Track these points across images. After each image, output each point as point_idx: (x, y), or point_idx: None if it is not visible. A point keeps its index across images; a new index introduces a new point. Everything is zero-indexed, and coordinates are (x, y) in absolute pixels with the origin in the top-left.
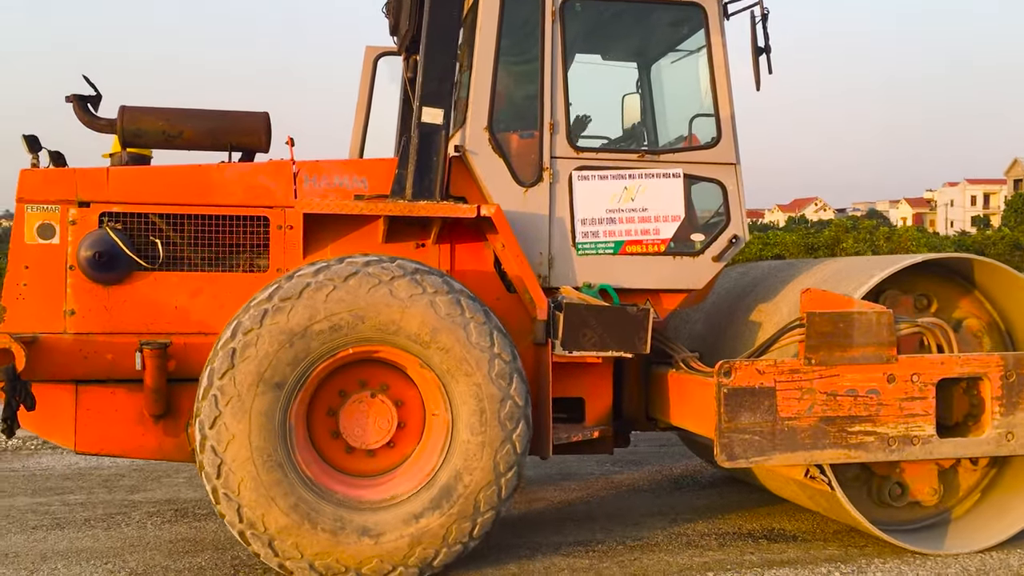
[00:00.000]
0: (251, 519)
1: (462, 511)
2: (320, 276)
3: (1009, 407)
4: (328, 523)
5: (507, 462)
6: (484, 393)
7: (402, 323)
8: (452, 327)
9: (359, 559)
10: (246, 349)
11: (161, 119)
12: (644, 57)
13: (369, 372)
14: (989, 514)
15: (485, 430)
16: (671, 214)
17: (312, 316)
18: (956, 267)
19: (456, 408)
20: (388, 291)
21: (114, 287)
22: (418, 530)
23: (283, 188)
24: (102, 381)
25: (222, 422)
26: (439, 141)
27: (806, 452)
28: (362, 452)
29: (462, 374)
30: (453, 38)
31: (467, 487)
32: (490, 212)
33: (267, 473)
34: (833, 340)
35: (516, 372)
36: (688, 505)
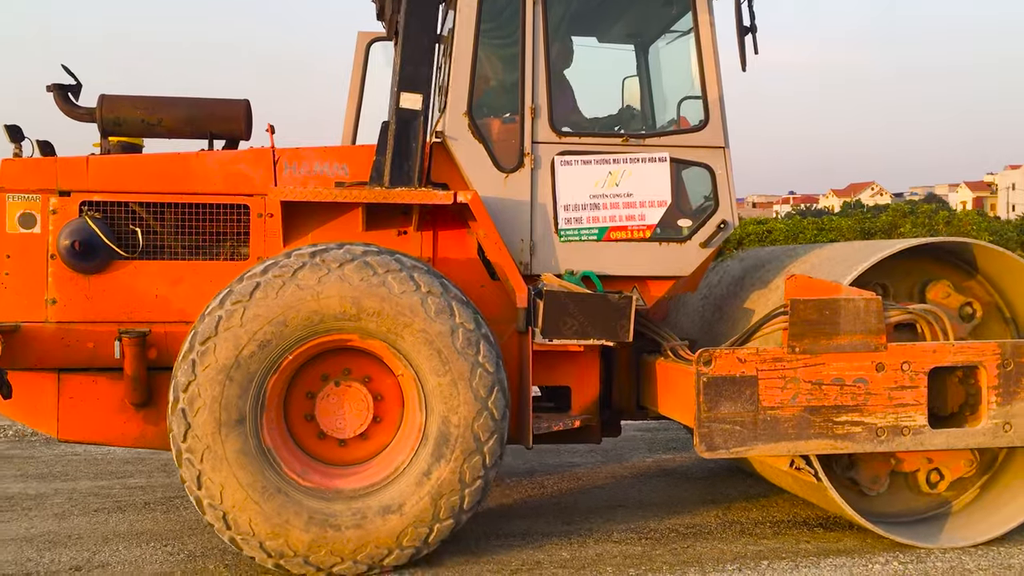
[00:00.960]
0: (236, 525)
1: (448, 487)
2: (269, 274)
3: (1006, 397)
4: (318, 517)
5: (486, 430)
6: (453, 369)
7: (362, 307)
8: (410, 303)
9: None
10: (204, 357)
11: (139, 107)
12: (640, 39)
13: (352, 362)
14: (982, 512)
15: (457, 403)
16: (657, 199)
17: (265, 320)
18: (962, 253)
19: (427, 389)
20: (338, 277)
21: (95, 276)
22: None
23: (263, 176)
24: (84, 369)
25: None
26: (417, 127)
27: (790, 443)
28: (337, 441)
29: (423, 345)
30: (431, 22)
31: (449, 462)
32: (467, 199)
33: (245, 473)
34: (818, 327)
35: (482, 339)
36: (741, 493)
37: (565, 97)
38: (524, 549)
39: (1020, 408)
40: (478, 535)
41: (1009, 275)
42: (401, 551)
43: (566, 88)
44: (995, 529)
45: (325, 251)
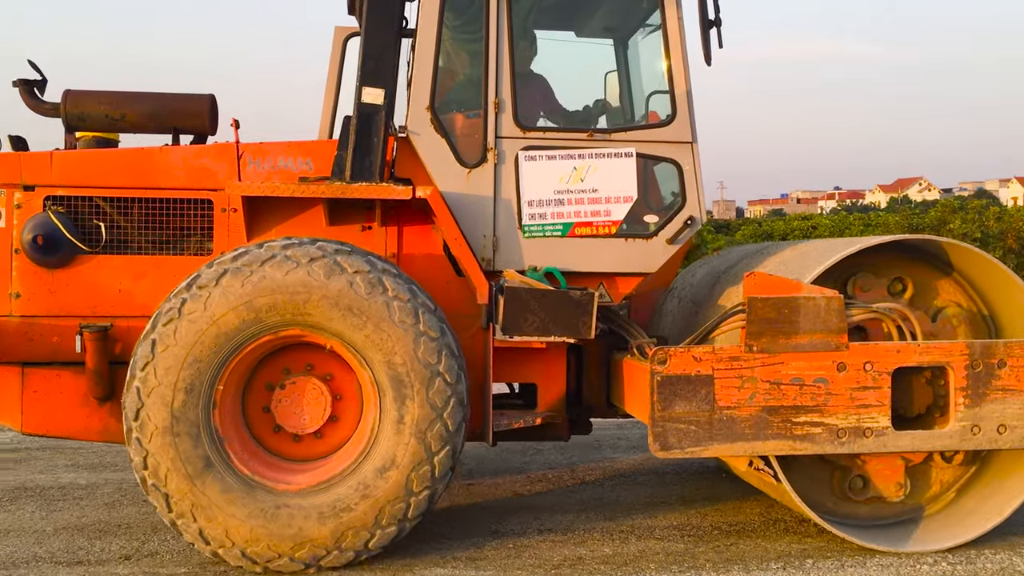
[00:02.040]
0: (178, 509)
1: (394, 494)
2: (192, 289)
3: (975, 399)
4: (267, 509)
5: (438, 441)
6: (411, 372)
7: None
8: (338, 285)
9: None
10: (163, 339)
11: (103, 103)
12: (618, 33)
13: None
14: (957, 514)
15: (412, 409)
16: (623, 195)
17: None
18: (936, 251)
19: (378, 376)
20: (261, 276)
21: (58, 270)
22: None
23: (227, 171)
24: (48, 363)
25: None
26: (379, 122)
27: (747, 443)
28: (292, 436)
29: (378, 345)
30: (393, 17)
31: (397, 469)
32: (425, 194)
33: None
34: (777, 326)
35: (421, 307)
36: None
37: (540, 92)
38: (566, 544)
39: (990, 410)
40: (519, 531)
41: (983, 274)
42: (340, 553)
43: (541, 83)
44: (968, 533)
45: (299, 245)
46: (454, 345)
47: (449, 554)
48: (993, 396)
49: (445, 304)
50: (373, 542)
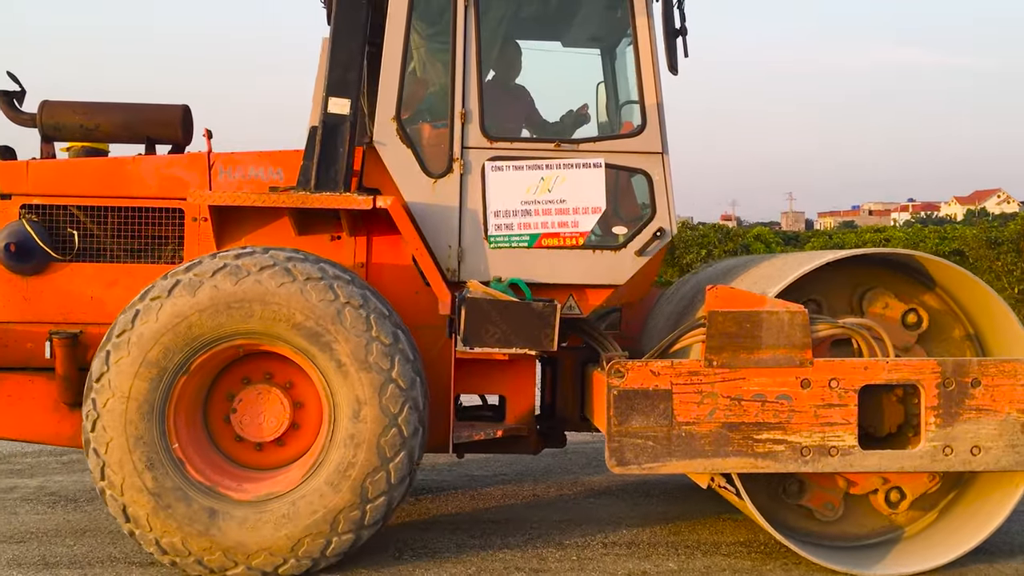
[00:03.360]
0: (135, 518)
1: (349, 500)
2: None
3: (947, 418)
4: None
5: (393, 447)
6: (363, 381)
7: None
8: (288, 292)
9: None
10: (118, 349)
11: (78, 113)
12: (604, 43)
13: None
14: (937, 536)
15: (364, 416)
16: (591, 206)
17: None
18: (918, 266)
19: (331, 382)
20: (213, 287)
21: (32, 278)
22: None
23: (198, 180)
24: (21, 369)
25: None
26: (345, 132)
27: (706, 460)
28: (259, 446)
29: (330, 353)
30: (360, 27)
31: (351, 475)
32: (386, 204)
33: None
34: (738, 341)
35: (373, 312)
36: None
37: (521, 103)
38: (630, 558)
39: (963, 431)
40: (582, 543)
41: (962, 288)
42: (297, 561)
43: (522, 94)
44: (940, 557)
45: (250, 255)
46: (409, 351)
47: (512, 564)
48: (966, 416)
49: (414, 314)
50: (331, 549)
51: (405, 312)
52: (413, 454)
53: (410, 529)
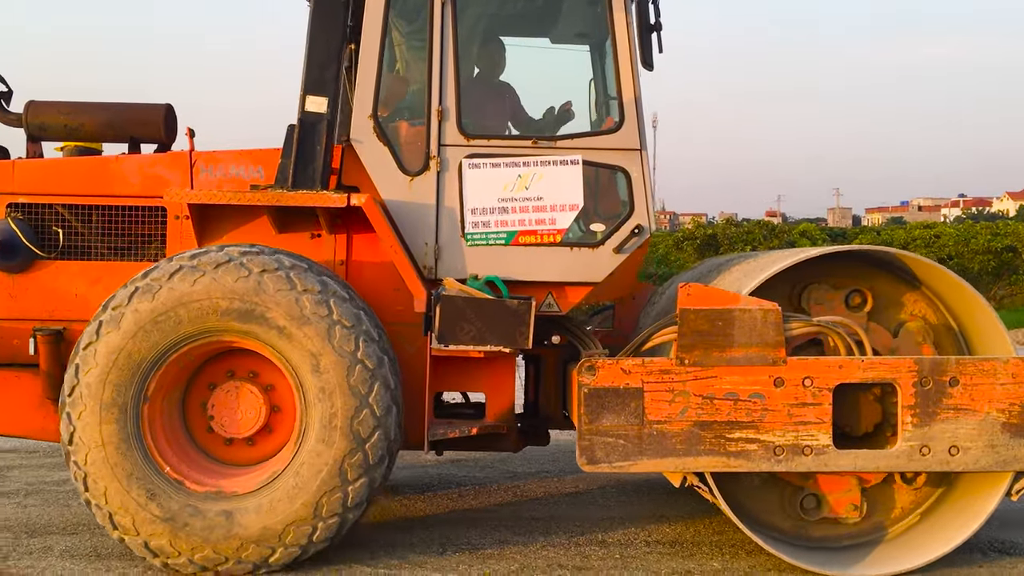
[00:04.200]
0: (122, 525)
1: (328, 484)
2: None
3: (924, 418)
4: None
5: (367, 427)
6: (330, 367)
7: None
8: (245, 287)
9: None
10: (97, 345)
11: (62, 113)
12: (592, 39)
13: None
14: (916, 539)
15: (332, 404)
16: (568, 203)
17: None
18: (900, 264)
19: (299, 371)
20: (170, 289)
21: (18, 275)
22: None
23: (180, 178)
24: (8, 365)
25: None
26: (322, 130)
27: (677, 459)
28: (232, 441)
29: (298, 343)
30: (337, 25)
31: (326, 462)
32: (360, 202)
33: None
34: (710, 339)
35: (333, 297)
36: None
37: (506, 100)
38: (674, 557)
39: (940, 430)
40: (624, 541)
41: (947, 288)
42: (286, 549)
43: (507, 91)
44: (916, 559)
45: (206, 253)
46: (374, 332)
47: (556, 562)
48: (944, 416)
49: (394, 311)
50: (317, 535)
51: (385, 309)
52: (389, 433)
53: (453, 525)
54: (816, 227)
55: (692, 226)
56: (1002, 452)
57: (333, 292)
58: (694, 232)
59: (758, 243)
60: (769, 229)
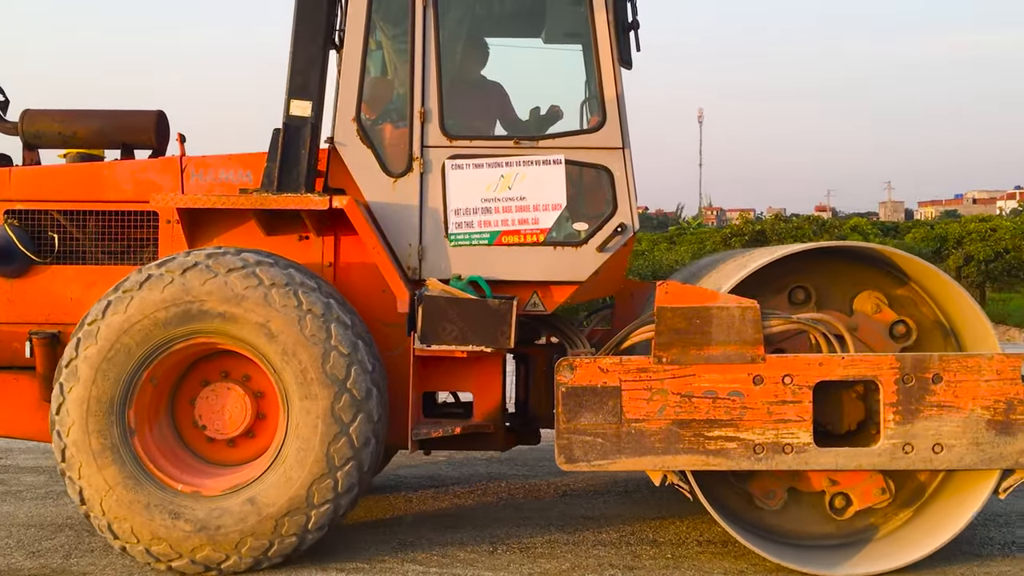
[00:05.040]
0: (90, 501)
1: (293, 505)
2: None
3: (906, 415)
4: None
5: (348, 412)
6: (302, 359)
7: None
8: (212, 287)
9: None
10: (84, 341)
11: (56, 121)
12: (581, 39)
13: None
14: (906, 537)
15: (310, 392)
16: (551, 202)
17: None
18: (890, 261)
19: (275, 364)
20: (141, 299)
21: (16, 280)
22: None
23: (171, 183)
24: (7, 368)
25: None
26: (306, 134)
27: (656, 457)
28: (224, 441)
29: (269, 335)
30: (320, 30)
31: (297, 481)
32: (341, 204)
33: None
34: (688, 337)
35: (300, 287)
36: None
37: (495, 100)
38: (726, 557)
39: (924, 428)
40: (676, 540)
41: (934, 285)
42: (240, 558)
43: (496, 90)
44: (899, 559)
45: (167, 263)
46: (347, 318)
47: (607, 561)
48: (927, 413)
49: (383, 311)
50: (273, 551)
51: (373, 310)
52: (372, 415)
53: (503, 523)
54: (868, 222)
55: (740, 222)
56: (987, 450)
57: (300, 283)
58: (742, 228)
59: (808, 239)
60: (819, 224)
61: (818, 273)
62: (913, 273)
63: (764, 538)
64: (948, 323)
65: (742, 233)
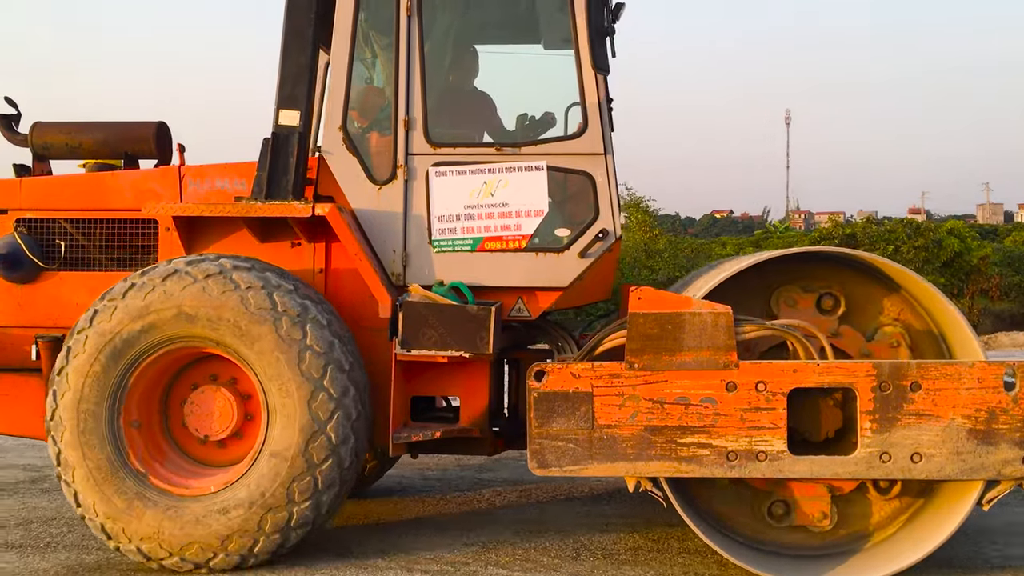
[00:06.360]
0: (84, 504)
1: (275, 503)
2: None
3: (884, 423)
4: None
5: (325, 410)
6: (281, 360)
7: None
8: (190, 294)
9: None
10: (75, 347)
11: (63, 133)
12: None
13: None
14: (890, 550)
15: (287, 391)
16: (533, 209)
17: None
18: (874, 266)
19: (254, 366)
20: (125, 307)
21: (25, 286)
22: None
23: (170, 192)
24: (18, 370)
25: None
26: (295, 143)
27: (628, 463)
28: (214, 443)
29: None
30: (308, 40)
31: (278, 479)
32: (324, 211)
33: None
34: (659, 343)
35: (276, 290)
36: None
37: (482, 109)
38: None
39: (902, 437)
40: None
41: (918, 291)
42: (227, 556)
43: (483, 100)
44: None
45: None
46: (322, 318)
47: (691, 570)
48: (906, 421)
49: (372, 317)
50: (258, 547)
51: (362, 315)
52: (350, 413)
53: (587, 529)
54: (965, 225)
55: (829, 225)
56: (968, 460)
57: (276, 285)
58: (831, 231)
59: (901, 242)
60: (913, 228)
61: (847, 281)
62: (900, 281)
63: (746, 545)
64: (939, 331)
65: (831, 236)
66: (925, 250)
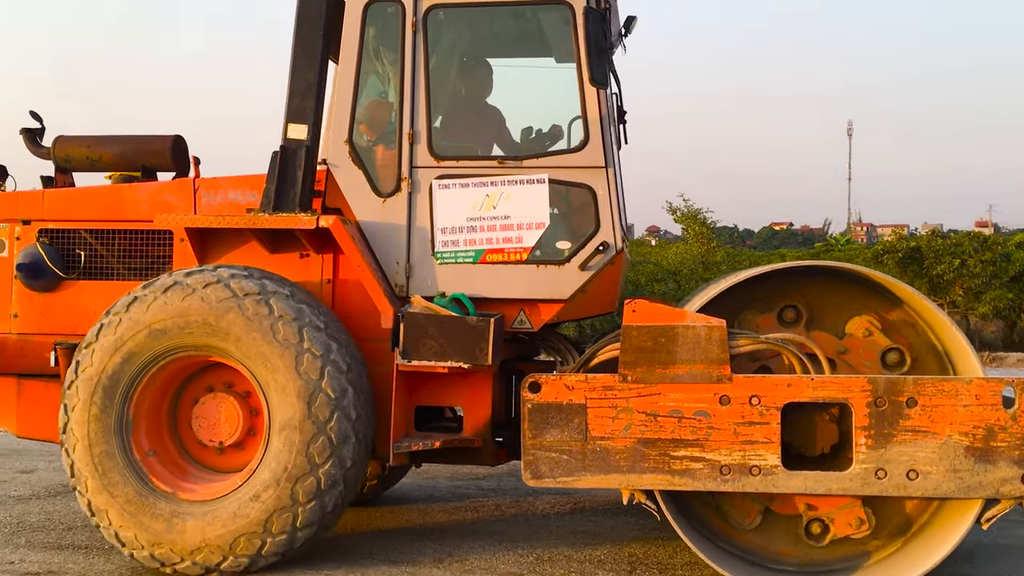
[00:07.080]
0: (98, 512)
1: (280, 504)
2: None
3: (879, 439)
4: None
5: (322, 454)
6: (279, 366)
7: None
8: (189, 304)
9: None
10: (83, 360)
11: (83, 146)
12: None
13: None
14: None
15: (287, 394)
16: (535, 221)
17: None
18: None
19: (256, 374)
20: (129, 319)
21: (48, 294)
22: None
23: (184, 204)
24: (39, 375)
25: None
26: (302, 156)
27: (621, 475)
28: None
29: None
30: (317, 55)
31: (283, 479)
32: (327, 224)
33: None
34: (653, 355)
35: (272, 296)
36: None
37: (492, 123)
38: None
39: (898, 453)
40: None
41: (914, 304)
42: (235, 558)
43: (493, 114)
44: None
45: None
46: (319, 322)
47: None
48: (901, 438)
49: (377, 328)
50: (266, 549)
51: (369, 326)
52: (350, 414)
53: (643, 543)
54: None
55: (892, 238)
56: (966, 478)
57: (272, 291)
58: (895, 245)
59: (967, 256)
60: (980, 241)
61: (813, 293)
62: (904, 297)
63: (741, 558)
64: (943, 349)
65: (895, 250)
66: (993, 264)
